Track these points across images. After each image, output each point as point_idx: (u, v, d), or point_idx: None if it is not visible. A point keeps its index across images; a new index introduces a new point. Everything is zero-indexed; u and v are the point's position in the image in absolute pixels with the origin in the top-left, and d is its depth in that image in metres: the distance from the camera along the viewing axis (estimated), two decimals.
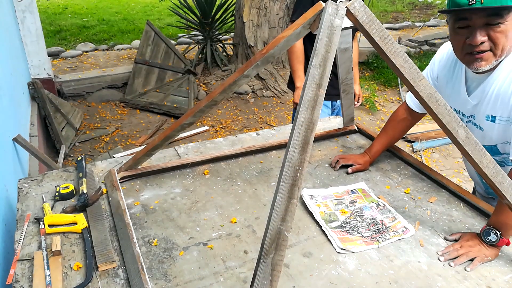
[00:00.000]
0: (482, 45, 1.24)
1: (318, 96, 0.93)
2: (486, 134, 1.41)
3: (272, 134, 2.05)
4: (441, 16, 10.16)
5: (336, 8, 0.96)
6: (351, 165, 1.71)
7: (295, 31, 1.13)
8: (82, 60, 6.19)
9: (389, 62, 1.05)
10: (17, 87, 3.19)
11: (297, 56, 2.48)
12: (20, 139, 2.49)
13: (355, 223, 1.39)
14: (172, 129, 1.50)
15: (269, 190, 1.58)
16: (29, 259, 1.20)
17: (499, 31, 1.21)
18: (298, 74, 2.51)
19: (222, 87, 1.36)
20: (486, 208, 1.45)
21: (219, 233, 1.35)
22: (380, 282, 1.16)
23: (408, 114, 1.70)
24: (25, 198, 1.49)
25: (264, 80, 5.47)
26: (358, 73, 2.74)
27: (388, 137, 1.75)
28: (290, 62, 2.55)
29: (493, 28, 1.21)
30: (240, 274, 1.19)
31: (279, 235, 0.88)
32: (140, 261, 1.15)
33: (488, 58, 1.26)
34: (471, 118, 1.45)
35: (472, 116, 1.44)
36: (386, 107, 5.26)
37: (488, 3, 1.17)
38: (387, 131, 1.75)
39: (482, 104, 1.38)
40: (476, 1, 1.18)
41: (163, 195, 1.54)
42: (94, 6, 10.70)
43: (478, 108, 1.40)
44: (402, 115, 1.71)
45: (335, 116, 2.22)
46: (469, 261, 1.24)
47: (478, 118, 1.42)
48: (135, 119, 4.79)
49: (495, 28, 1.21)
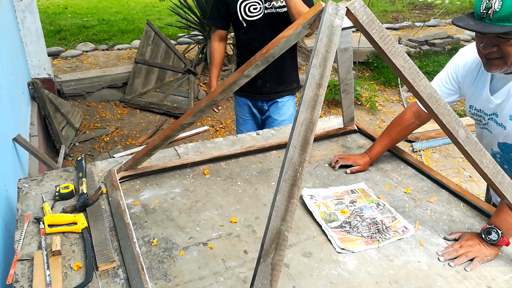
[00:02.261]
0: (491, 53, 1.27)
1: (318, 96, 0.93)
2: (509, 133, 1.42)
3: (272, 134, 2.05)
4: (441, 16, 10.17)
5: (336, 8, 0.96)
6: (351, 165, 1.71)
7: (295, 31, 1.13)
8: (82, 60, 6.19)
9: (389, 62, 1.05)
10: (17, 87, 3.19)
11: (214, 59, 2.52)
12: (20, 139, 2.49)
13: (355, 223, 1.39)
14: (172, 129, 1.50)
15: (269, 190, 1.58)
16: (29, 259, 1.20)
17: (509, 44, 1.22)
18: (211, 80, 2.55)
19: (222, 87, 1.36)
20: (486, 208, 1.45)
21: (219, 233, 1.35)
22: (380, 282, 1.16)
23: (416, 118, 1.68)
24: (25, 198, 1.49)
25: None
26: None
27: (390, 140, 1.74)
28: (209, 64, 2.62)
29: (504, 42, 1.23)
30: (240, 274, 1.19)
31: (279, 235, 0.88)
32: (140, 261, 1.15)
33: (498, 65, 1.29)
34: (492, 116, 1.45)
35: (495, 114, 1.44)
36: (386, 107, 5.25)
37: (495, 21, 1.18)
38: (391, 133, 1.74)
39: (507, 103, 1.38)
40: (486, 15, 1.20)
41: (163, 195, 1.54)
42: (94, 6, 10.70)
43: (502, 107, 1.40)
44: (409, 119, 1.69)
45: (335, 116, 2.22)
46: (469, 261, 1.24)
47: (501, 117, 1.43)
48: (135, 119, 4.79)
49: (506, 42, 1.22)
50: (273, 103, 2.54)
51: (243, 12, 2.31)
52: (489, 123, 1.48)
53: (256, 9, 2.30)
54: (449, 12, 10.78)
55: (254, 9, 2.30)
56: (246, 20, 2.33)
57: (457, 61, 1.56)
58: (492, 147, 1.54)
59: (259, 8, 2.29)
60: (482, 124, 1.52)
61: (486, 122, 1.49)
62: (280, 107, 2.54)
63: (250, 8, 2.30)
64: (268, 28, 2.30)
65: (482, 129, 1.54)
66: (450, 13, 10.68)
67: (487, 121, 1.49)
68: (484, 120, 1.50)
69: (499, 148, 1.50)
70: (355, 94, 4.97)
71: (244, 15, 2.32)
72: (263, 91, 2.49)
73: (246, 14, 2.31)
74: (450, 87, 1.58)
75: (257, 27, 2.33)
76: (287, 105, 2.54)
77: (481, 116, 1.51)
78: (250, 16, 2.32)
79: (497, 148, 1.51)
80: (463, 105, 5.33)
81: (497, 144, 1.50)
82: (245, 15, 2.32)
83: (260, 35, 2.31)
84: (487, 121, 1.48)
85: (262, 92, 2.49)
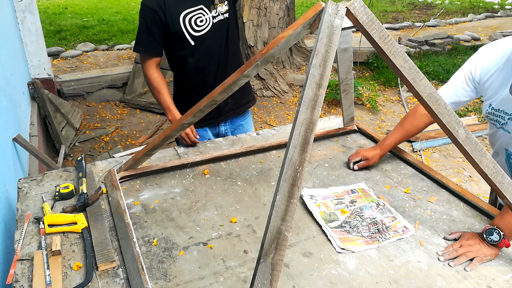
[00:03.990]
0: None
1: (318, 96, 0.93)
2: None
3: (272, 134, 2.05)
4: (441, 16, 10.16)
5: (336, 8, 0.96)
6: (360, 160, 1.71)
7: (295, 31, 1.13)
8: (82, 60, 6.19)
9: (389, 62, 1.05)
10: (17, 87, 3.19)
11: (160, 86, 1.96)
12: (20, 139, 2.49)
13: (355, 223, 1.39)
14: (172, 129, 1.51)
15: (269, 190, 1.58)
16: (29, 259, 1.20)
17: None
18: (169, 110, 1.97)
19: (222, 87, 1.36)
20: (486, 208, 1.45)
21: (219, 233, 1.35)
22: (380, 282, 1.16)
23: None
24: (25, 198, 1.49)
25: (264, 80, 5.47)
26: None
27: (404, 132, 1.71)
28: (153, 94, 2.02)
29: None
30: (240, 274, 1.19)
31: (279, 235, 0.88)
32: (140, 261, 1.15)
33: None
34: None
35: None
36: (386, 107, 5.25)
37: None
38: (405, 126, 1.70)
39: None
40: None
41: (163, 195, 1.54)
42: (94, 6, 10.70)
43: None
44: (423, 110, 1.66)
45: (335, 116, 2.22)
46: (468, 261, 1.24)
47: None
48: (135, 119, 4.79)
49: None
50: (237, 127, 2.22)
51: (189, 28, 1.87)
52: (508, 123, 1.45)
53: (202, 21, 1.88)
54: (449, 12, 10.78)
55: (201, 22, 1.88)
56: (194, 37, 1.89)
57: (477, 60, 1.53)
58: (507, 147, 1.51)
59: (206, 19, 1.89)
60: (500, 124, 1.49)
61: (506, 122, 1.46)
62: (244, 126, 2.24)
63: (196, 21, 1.87)
64: (220, 40, 1.94)
65: (499, 128, 1.51)
66: (450, 13, 10.68)
67: (506, 121, 1.46)
68: (503, 120, 1.47)
69: None
70: (356, 93, 4.97)
71: (191, 31, 1.88)
72: (226, 110, 2.12)
73: (193, 29, 1.88)
74: (466, 87, 1.55)
75: (208, 43, 1.92)
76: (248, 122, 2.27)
77: (499, 116, 1.48)
78: (198, 31, 1.89)
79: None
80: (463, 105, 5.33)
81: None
82: (192, 30, 1.88)
83: (214, 50, 1.94)
84: (507, 121, 1.45)
85: (223, 112, 2.11)
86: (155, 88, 1.97)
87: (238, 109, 2.16)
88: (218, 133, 2.19)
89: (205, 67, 1.97)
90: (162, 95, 1.96)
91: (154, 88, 1.97)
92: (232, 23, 1.99)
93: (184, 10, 1.86)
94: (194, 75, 1.99)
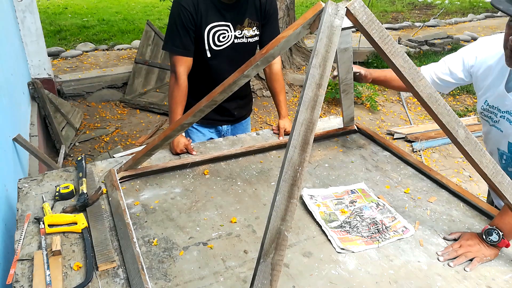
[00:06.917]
0: None
1: (318, 96, 0.93)
2: None
3: (272, 134, 2.05)
4: (441, 16, 10.17)
5: (336, 8, 0.96)
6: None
7: (295, 31, 1.13)
8: (82, 60, 6.19)
9: (389, 62, 1.05)
10: (17, 87, 3.19)
11: (181, 100, 1.90)
12: (20, 139, 2.49)
13: (355, 223, 1.39)
14: (172, 129, 1.51)
15: (269, 190, 1.58)
16: (29, 259, 1.20)
17: None
18: (173, 120, 1.89)
19: (222, 87, 1.36)
20: (486, 208, 1.45)
21: (219, 233, 1.35)
22: (380, 282, 1.16)
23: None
24: (25, 198, 1.49)
25: (264, 80, 5.47)
26: (285, 104, 2.15)
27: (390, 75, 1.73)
28: (169, 99, 1.93)
29: None
30: (240, 274, 1.19)
31: (279, 235, 0.89)
32: (140, 261, 1.16)
33: None
34: (505, 114, 1.42)
35: (508, 112, 1.41)
36: (386, 107, 5.26)
37: None
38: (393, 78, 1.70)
39: None
40: None
41: (163, 195, 1.54)
42: (94, 6, 10.70)
43: None
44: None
45: (335, 116, 2.22)
46: (468, 261, 1.24)
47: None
48: (135, 119, 4.80)
49: None
50: (237, 126, 2.25)
51: (211, 40, 1.87)
52: (500, 121, 1.44)
53: (225, 38, 1.89)
54: (448, 12, 10.79)
55: (223, 38, 1.88)
56: (212, 50, 1.89)
57: (474, 49, 1.53)
58: (499, 146, 1.50)
59: (228, 36, 1.89)
60: (492, 121, 1.48)
61: (498, 119, 1.45)
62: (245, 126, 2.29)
63: (219, 36, 1.87)
64: (233, 60, 1.91)
65: (491, 126, 1.50)
66: (449, 13, 10.69)
67: (498, 119, 1.45)
68: (496, 117, 1.46)
69: (508, 149, 1.47)
70: (356, 93, 4.97)
71: (212, 44, 1.88)
72: (231, 114, 2.16)
73: (214, 43, 1.88)
74: (458, 71, 1.55)
75: (221, 59, 1.92)
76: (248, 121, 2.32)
77: (492, 113, 1.47)
78: (218, 46, 1.89)
79: (506, 148, 1.47)
80: (463, 105, 5.33)
81: (507, 144, 1.46)
82: (213, 44, 1.88)
83: (223, 67, 1.92)
84: (499, 119, 1.44)
85: (230, 115, 2.15)
86: (176, 98, 1.89)
87: (239, 119, 2.22)
88: (220, 132, 2.21)
89: (210, 81, 1.90)
90: (177, 108, 1.89)
91: (174, 97, 1.89)
92: (254, 49, 2.00)
93: (212, 22, 1.85)
94: (198, 83, 1.99)
